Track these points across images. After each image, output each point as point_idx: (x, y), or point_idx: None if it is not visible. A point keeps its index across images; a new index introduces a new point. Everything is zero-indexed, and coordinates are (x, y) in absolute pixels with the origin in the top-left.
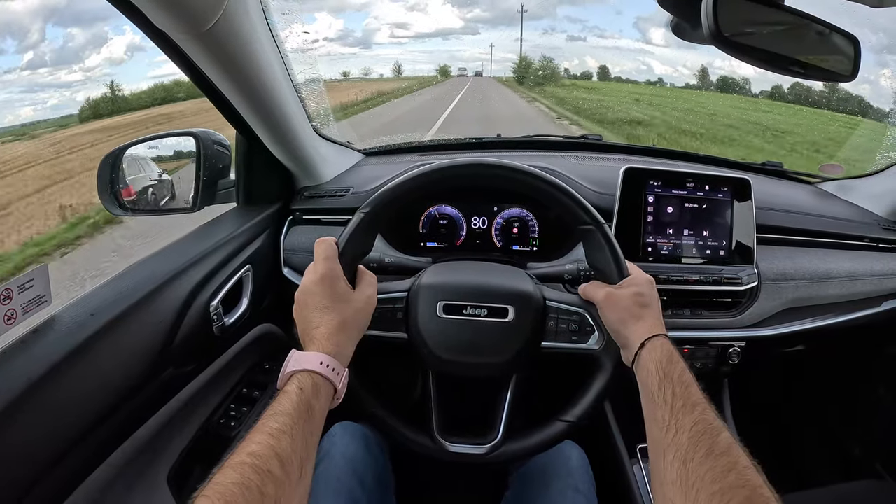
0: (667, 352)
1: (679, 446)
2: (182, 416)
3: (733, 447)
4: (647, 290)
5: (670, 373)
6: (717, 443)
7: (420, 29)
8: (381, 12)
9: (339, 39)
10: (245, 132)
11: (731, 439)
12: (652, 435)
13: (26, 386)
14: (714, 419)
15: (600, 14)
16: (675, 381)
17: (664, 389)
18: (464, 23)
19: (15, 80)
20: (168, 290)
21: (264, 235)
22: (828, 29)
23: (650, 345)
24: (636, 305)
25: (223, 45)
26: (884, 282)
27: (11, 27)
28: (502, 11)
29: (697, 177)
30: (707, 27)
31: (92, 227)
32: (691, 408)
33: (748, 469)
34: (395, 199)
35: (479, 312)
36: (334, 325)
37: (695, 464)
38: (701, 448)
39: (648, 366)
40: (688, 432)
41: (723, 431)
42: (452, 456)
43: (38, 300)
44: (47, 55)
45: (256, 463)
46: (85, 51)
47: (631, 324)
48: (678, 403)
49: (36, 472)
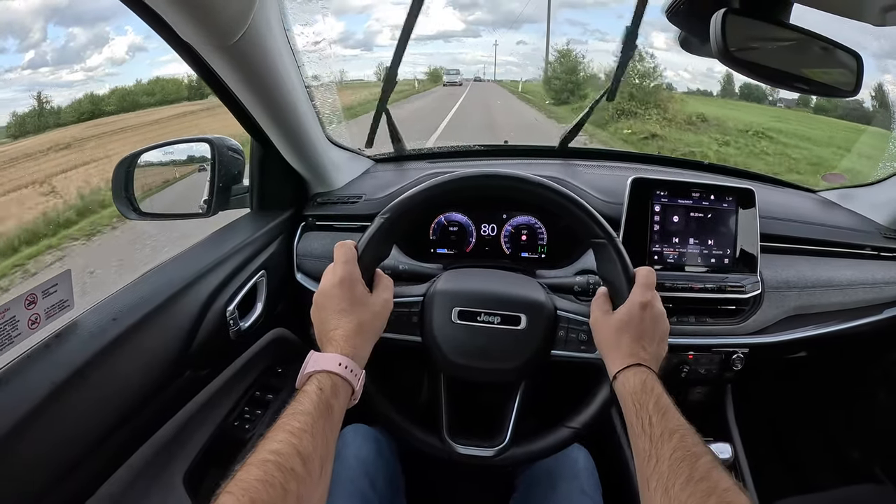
0: (640, 381)
1: (661, 474)
2: (198, 419)
3: (713, 471)
4: (635, 315)
5: (645, 403)
6: (696, 468)
7: (421, 31)
8: (382, 14)
9: (340, 41)
10: (261, 139)
11: (711, 463)
12: (637, 464)
13: (50, 389)
14: (693, 444)
15: (601, 17)
16: (652, 410)
17: (641, 420)
18: (465, 25)
19: (16, 78)
20: (186, 295)
21: (278, 241)
22: (831, 45)
23: (622, 376)
24: (616, 333)
25: (247, 57)
26: (885, 290)
27: (13, 26)
28: (503, 15)
29: (703, 187)
30: (715, 44)
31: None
32: (669, 435)
33: (728, 491)
34: (414, 207)
35: (493, 319)
36: (352, 328)
37: (676, 490)
38: (681, 475)
39: (624, 397)
40: (667, 461)
41: (702, 456)
42: (460, 457)
43: (62, 305)
44: (48, 55)
45: (279, 460)
46: (86, 50)
47: (607, 352)
48: (656, 432)
49: (57, 474)
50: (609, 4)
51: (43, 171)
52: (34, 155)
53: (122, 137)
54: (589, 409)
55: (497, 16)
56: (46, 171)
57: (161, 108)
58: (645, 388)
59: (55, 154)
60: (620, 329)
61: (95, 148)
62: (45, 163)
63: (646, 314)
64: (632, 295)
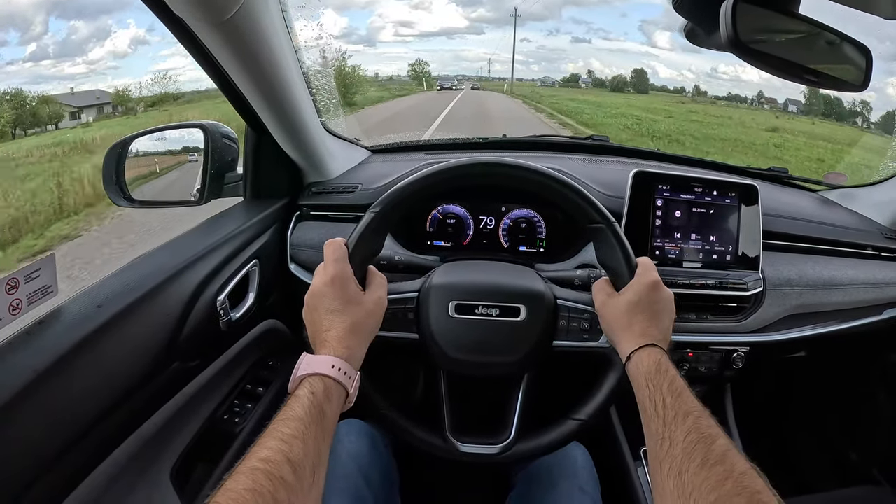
0: (654, 361)
1: (674, 458)
2: (187, 411)
3: (729, 454)
4: (644, 295)
5: (659, 384)
6: (712, 451)
7: (425, 28)
8: (385, 10)
9: (343, 37)
10: (255, 125)
11: (727, 446)
12: (649, 447)
13: (32, 378)
14: (708, 426)
15: (605, 16)
16: (666, 392)
17: (655, 401)
18: (468, 22)
19: (18, 70)
20: (175, 283)
21: (271, 230)
22: (840, 39)
23: (636, 357)
24: (627, 314)
25: (241, 35)
26: (885, 290)
27: (15, 19)
28: (506, 12)
29: (706, 182)
30: (725, 33)
31: None
32: (683, 418)
33: (745, 475)
34: (405, 199)
35: (491, 312)
36: (345, 328)
37: (690, 474)
38: (696, 458)
39: (637, 378)
40: (681, 444)
41: (717, 439)
42: (464, 456)
43: (45, 290)
44: (50, 47)
45: (269, 469)
46: (88, 43)
47: (619, 333)
48: (670, 414)
49: (40, 465)
50: (613, 3)
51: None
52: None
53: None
54: (595, 398)
55: (500, 13)
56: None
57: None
58: (660, 368)
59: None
60: (631, 310)
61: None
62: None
63: (656, 294)
64: (638, 276)
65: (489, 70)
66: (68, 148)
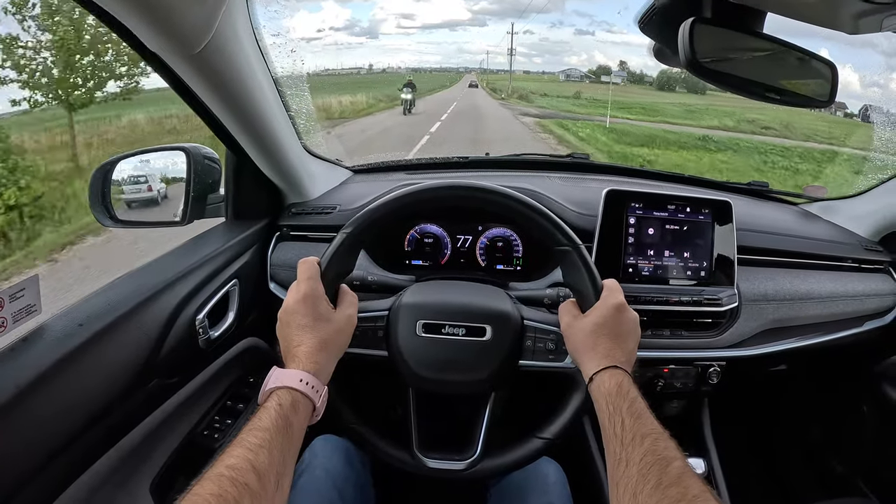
0: (616, 383)
1: (629, 479)
2: (166, 427)
3: (684, 476)
4: (609, 317)
5: (619, 405)
6: (667, 473)
7: (427, 20)
8: (387, 3)
9: (345, 29)
10: (234, 149)
11: (683, 468)
12: (608, 467)
13: (14, 393)
14: (665, 449)
15: (609, 9)
16: (625, 413)
17: (614, 423)
18: (471, 14)
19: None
20: (155, 302)
21: (252, 251)
22: (806, 55)
23: (598, 378)
24: (591, 335)
25: (213, 65)
26: (865, 302)
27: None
28: (510, 4)
29: (679, 199)
30: (683, 54)
31: None
32: (641, 439)
33: (698, 498)
34: (376, 221)
35: (458, 331)
36: (315, 344)
37: (644, 496)
38: (651, 480)
39: (599, 400)
40: (637, 465)
41: (674, 461)
42: (431, 471)
43: (28, 309)
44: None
45: (234, 476)
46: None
47: (583, 354)
48: (628, 436)
49: (20, 478)
50: None
51: None
52: None
53: None
54: (560, 418)
55: (504, 5)
56: None
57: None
58: (620, 390)
59: None
60: (596, 331)
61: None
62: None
63: (621, 316)
64: (603, 298)
65: (487, 63)
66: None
